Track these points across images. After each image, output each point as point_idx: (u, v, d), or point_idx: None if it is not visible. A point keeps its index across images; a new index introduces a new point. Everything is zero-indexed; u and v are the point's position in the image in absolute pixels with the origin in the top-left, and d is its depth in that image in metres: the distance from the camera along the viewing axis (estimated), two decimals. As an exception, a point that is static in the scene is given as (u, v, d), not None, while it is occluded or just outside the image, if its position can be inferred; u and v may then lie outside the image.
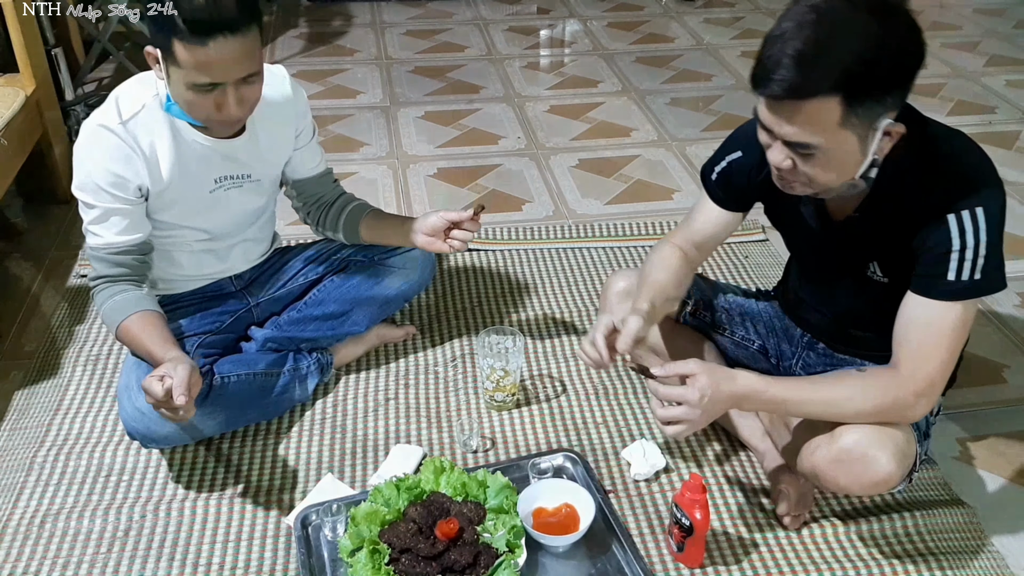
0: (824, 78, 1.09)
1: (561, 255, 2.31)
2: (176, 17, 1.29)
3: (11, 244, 2.36)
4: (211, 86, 1.35)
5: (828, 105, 1.11)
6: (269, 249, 1.82)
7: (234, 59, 1.33)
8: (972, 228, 1.20)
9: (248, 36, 1.33)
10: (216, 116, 1.41)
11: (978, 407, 1.83)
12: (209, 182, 1.56)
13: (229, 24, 1.30)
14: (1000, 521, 1.56)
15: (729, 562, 1.46)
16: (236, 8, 1.31)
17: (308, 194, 1.76)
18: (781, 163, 1.21)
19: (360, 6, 4.33)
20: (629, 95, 3.36)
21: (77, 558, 1.46)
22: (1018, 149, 2.96)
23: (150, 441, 1.57)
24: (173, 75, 1.37)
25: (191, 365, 1.38)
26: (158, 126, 1.47)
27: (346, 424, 1.75)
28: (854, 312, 1.47)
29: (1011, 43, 3.91)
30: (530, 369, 1.90)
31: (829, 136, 1.14)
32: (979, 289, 1.23)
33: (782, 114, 1.15)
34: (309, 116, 1.70)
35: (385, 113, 3.20)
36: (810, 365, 1.58)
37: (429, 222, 1.63)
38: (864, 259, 1.36)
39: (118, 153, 1.44)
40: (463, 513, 1.41)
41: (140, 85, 1.49)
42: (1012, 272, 2.25)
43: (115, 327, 1.51)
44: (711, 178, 1.51)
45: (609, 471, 1.64)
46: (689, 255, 1.55)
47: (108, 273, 1.53)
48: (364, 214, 1.75)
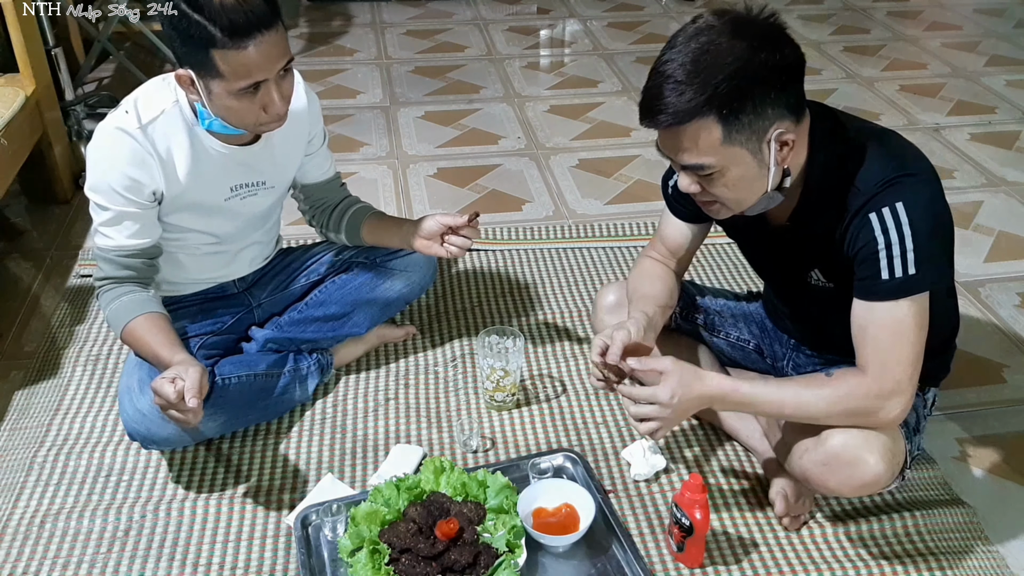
0: (694, 101, 1.14)
1: (561, 255, 2.31)
2: (211, 27, 1.28)
3: (11, 244, 2.36)
4: (255, 87, 1.35)
5: (707, 125, 1.15)
6: (273, 251, 1.83)
7: (274, 53, 1.34)
8: (894, 223, 1.20)
9: (279, 27, 1.35)
10: (264, 117, 1.41)
11: (978, 407, 1.83)
12: (224, 190, 1.56)
13: (264, 20, 1.31)
14: (1000, 521, 1.56)
15: (729, 562, 1.46)
16: (268, 6, 1.32)
17: (315, 198, 1.77)
18: (688, 187, 1.25)
19: (360, 6, 4.33)
20: (629, 95, 3.36)
21: (77, 558, 1.46)
22: (1018, 149, 2.96)
23: (151, 443, 1.56)
24: (215, 89, 1.36)
25: (201, 368, 1.38)
26: (177, 132, 1.47)
27: (346, 424, 1.75)
28: (811, 317, 1.49)
29: (1011, 43, 3.91)
30: (530, 369, 1.90)
31: (719, 155, 1.18)
32: (916, 283, 1.22)
33: (670, 141, 1.20)
34: (321, 121, 1.70)
35: (385, 113, 3.20)
36: (800, 365, 1.59)
37: (426, 226, 1.63)
38: (805, 267, 1.38)
39: (136, 157, 1.44)
40: (463, 513, 1.41)
41: (158, 90, 1.48)
42: (1012, 272, 2.28)
43: (120, 329, 1.51)
44: (668, 192, 1.53)
45: (609, 471, 1.64)
46: (670, 264, 1.58)
47: (115, 275, 1.52)
48: (366, 217, 1.75)
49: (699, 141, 1.17)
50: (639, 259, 1.62)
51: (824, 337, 1.50)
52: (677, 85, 1.14)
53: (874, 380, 1.26)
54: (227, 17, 1.28)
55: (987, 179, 2.76)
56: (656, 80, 1.17)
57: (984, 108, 3.25)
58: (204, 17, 1.28)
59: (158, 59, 3.55)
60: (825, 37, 3.96)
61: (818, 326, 1.49)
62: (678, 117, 1.16)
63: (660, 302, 1.51)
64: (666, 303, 1.53)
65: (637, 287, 1.54)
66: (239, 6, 1.29)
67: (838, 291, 1.33)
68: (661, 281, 1.55)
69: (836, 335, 1.35)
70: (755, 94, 1.15)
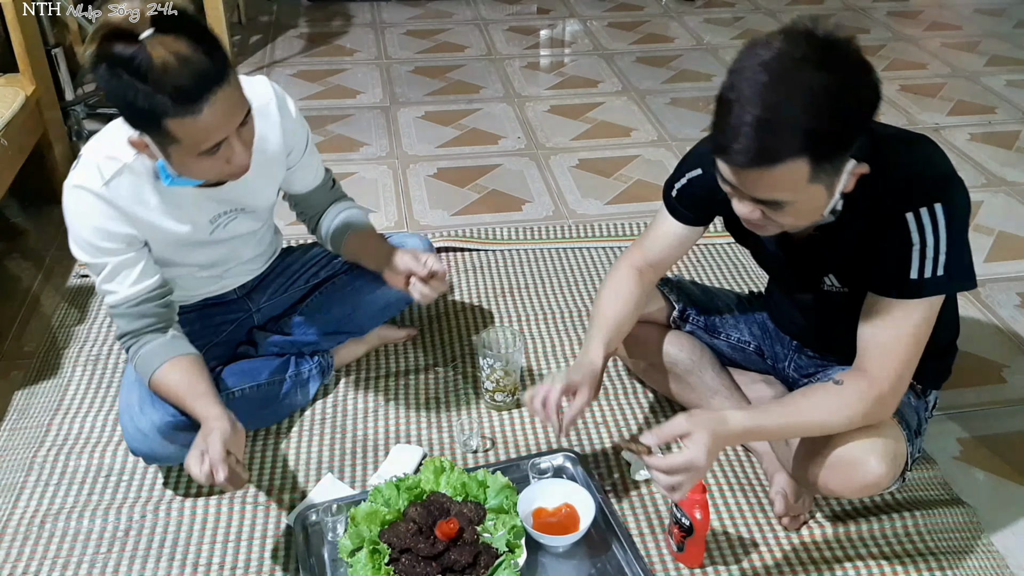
0: (788, 144, 1.08)
1: (561, 255, 2.31)
2: (159, 96, 1.17)
3: (11, 244, 2.36)
4: (216, 146, 1.27)
5: (796, 166, 1.09)
6: (272, 256, 1.78)
7: (231, 109, 1.25)
8: (931, 224, 1.19)
9: (231, 79, 1.24)
10: (228, 169, 1.32)
11: (978, 407, 1.83)
12: (205, 225, 1.50)
13: (214, 77, 1.20)
14: (1000, 521, 1.56)
15: (729, 562, 1.46)
16: (212, 61, 1.20)
17: (303, 205, 1.70)
18: (749, 215, 1.20)
19: (360, 6, 4.33)
20: (629, 95, 3.36)
21: (77, 558, 1.46)
22: (1018, 149, 2.96)
23: (153, 460, 1.55)
24: (174, 153, 1.27)
25: (225, 430, 1.32)
26: (142, 185, 1.39)
27: (346, 424, 1.75)
28: (820, 321, 1.48)
29: (1011, 43, 3.91)
30: (530, 369, 1.90)
31: (798, 192, 1.14)
32: (942, 285, 1.22)
33: (748, 179, 1.14)
34: (303, 132, 1.58)
35: (385, 113, 3.20)
36: (802, 367, 1.58)
37: (396, 261, 1.55)
38: (821, 272, 1.36)
39: (104, 214, 1.38)
40: (463, 513, 1.42)
41: (118, 139, 1.36)
42: (1012, 272, 2.28)
43: (148, 382, 1.47)
44: (671, 195, 1.49)
45: (609, 471, 1.64)
46: (645, 276, 1.54)
47: (131, 329, 1.46)
48: (346, 236, 1.66)
49: (783, 182, 1.11)
50: (614, 269, 1.55)
51: (829, 340, 1.50)
52: (766, 125, 1.07)
53: (877, 377, 1.26)
54: (173, 84, 1.17)
55: (987, 179, 2.76)
56: (740, 117, 1.08)
57: (984, 108, 3.25)
58: (149, 86, 1.17)
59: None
60: (825, 37, 3.96)
61: (825, 330, 1.49)
62: (766, 161, 1.09)
63: (622, 328, 1.50)
64: (627, 327, 1.52)
65: (602, 307, 1.50)
66: (184, 68, 1.17)
67: (851, 295, 1.32)
68: (629, 301, 1.51)
69: (842, 338, 1.35)
70: (846, 134, 1.11)
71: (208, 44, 1.20)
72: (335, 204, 1.71)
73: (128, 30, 1.16)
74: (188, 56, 1.17)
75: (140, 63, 1.16)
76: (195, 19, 1.23)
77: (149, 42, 1.16)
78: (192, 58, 1.17)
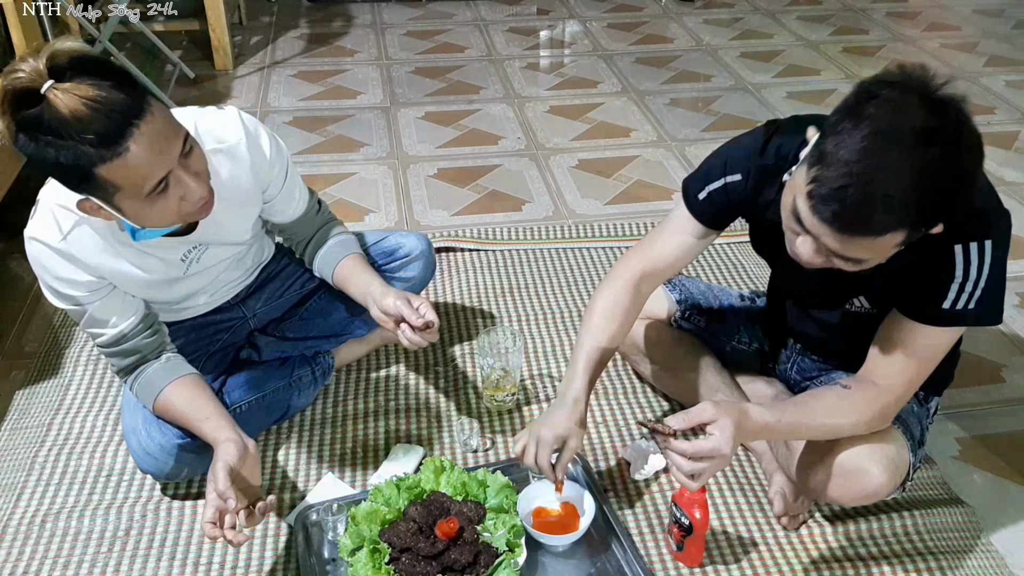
0: (893, 221, 1.04)
1: (561, 255, 2.31)
2: (80, 147, 1.10)
3: (11, 244, 2.36)
4: (163, 182, 1.17)
5: (893, 237, 1.06)
6: (263, 263, 1.71)
7: (162, 139, 1.15)
8: (978, 260, 1.18)
9: (152, 107, 1.14)
10: (187, 207, 1.23)
11: (977, 407, 1.84)
12: (176, 263, 1.43)
13: (130, 110, 1.11)
14: (1000, 521, 1.56)
15: (729, 562, 1.46)
16: (123, 94, 1.11)
17: (290, 232, 1.62)
18: (813, 260, 1.14)
19: (360, 7, 4.34)
20: (629, 95, 3.37)
21: (77, 558, 1.46)
22: (1017, 149, 2.96)
23: (164, 479, 1.55)
24: (125, 204, 1.19)
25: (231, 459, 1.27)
26: (102, 233, 1.32)
27: (346, 424, 1.75)
28: (838, 332, 1.45)
29: (1010, 43, 3.91)
30: (530, 369, 1.90)
31: (884, 254, 1.11)
32: (971, 319, 1.21)
33: (837, 239, 1.08)
34: (278, 163, 1.47)
35: (385, 113, 3.20)
36: (804, 370, 1.58)
37: (386, 303, 1.48)
38: (851, 294, 1.35)
39: (66, 268, 1.32)
40: (463, 513, 1.42)
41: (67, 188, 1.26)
42: (1012, 272, 2.27)
43: (151, 410, 1.45)
44: (699, 197, 1.40)
45: (609, 471, 1.64)
46: (642, 289, 1.47)
47: (125, 365, 1.43)
48: (335, 268, 1.59)
49: (875, 247, 1.08)
50: (608, 282, 1.47)
51: (839, 350, 1.49)
52: (874, 200, 1.02)
53: (885, 389, 1.27)
54: (88, 128, 1.09)
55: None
56: (847, 183, 1.02)
57: (983, 108, 3.25)
58: (66, 139, 1.09)
59: (158, 59, 3.55)
60: (824, 37, 3.96)
61: (840, 343, 1.46)
62: (868, 232, 1.05)
63: (605, 356, 1.44)
64: (616, 346, 1.46)
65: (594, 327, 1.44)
66: (95, 109, 1.09)
67: (876, 315, 1.31)
68: (620, 325, 1.45)
69: (854, 350, 1.35)
70: (949, 210, 1.07)
71: (115, 79, 1.12)
72: (323, 229, 1.63)
73: (28, 88, 1.09)
74: (96, 96, 1.09)
75: (50, 119, 1.09)
76: (94, 56, 1.15)
77: (51, 94, 1.09)
78: (101, 98, 1.10)
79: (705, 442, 1.20)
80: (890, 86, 1.05)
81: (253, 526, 1.29)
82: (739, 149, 1.38)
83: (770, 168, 1.32)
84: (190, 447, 1.48)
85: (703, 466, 1.20)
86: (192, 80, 3.42)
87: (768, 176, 1.32)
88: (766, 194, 1.34)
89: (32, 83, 1.09)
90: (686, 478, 1.22)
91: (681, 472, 1.21)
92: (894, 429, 1.36)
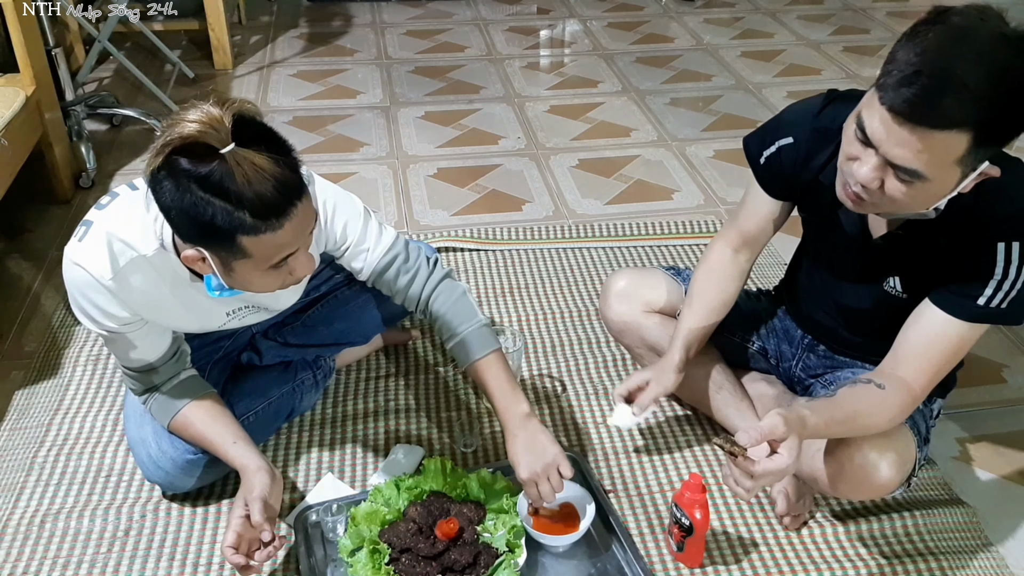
0: (963, 112, 1.00)
1: (561, 255, 2.31)
2: (239, 213, 1.08)
3: (11, 244, 2.36)
4: (286, 258, 1.18)
5: (957, 139, 1.03)
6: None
7: (308, 221, 1.17)
8: (1018, 260, 1.18)
9: (307, 189, 1.16)
10: (290, 280, 1.23)
11: (978, 407, 1.83)
12: (220, 317, 1.44)
13: (297, 191, 1.12)
14: (1000, 521, 1.56)
15: (729, 562, 1.46)
16: (292, 172, 1.12)
17: (386, 289, 1.51)
18: (870, 181, 1.11)
19: (360, 6, 4.33)
20: (629, 95, 3.36)
21: (77, 558, 1.46)
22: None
23: (173, 490, 1.55)
24: (239, 268, 1.17)
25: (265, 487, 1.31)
26: (157, 280, 1.28)
27: (346, 424, 1.75)
28: (862, 318, 1.45)
29: (1011, 43, 3.91)
30: (530, 369, 1.90)
31: (940, 170, 1.07)
32: (1000, 317, 1.22)
33: (901, 135, 1.04)
34: (339, 217, 1.41)
35: (385, 113, 3.20)
36: (810, 367, 1.58)
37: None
38: (887, 274, 1.35)
39: (108, 301, 1.27)
40: (463, 513, 1.42)
41: (134, 220, 1.24)
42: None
43: (165, 427, 1.45)
44: (760, 162, 1.42)
45: (609, 471, 1.64)
46: (740, 255, 1.53)
47: (147, 387, 1.42)
48: (472, 364, 1.46)
49: (937, 151, 1.04)
50: (710, 248, 1.53)
51: (855, 338, 1.49)
52: (950, 84, 0.99)
53: (912, 382, 1.27)
54: (260, 201, 1.08)
55: (987, 179, 2.75)
56: (924, 65, 1.00)
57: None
58: (231, 204, 1.07)
59: (158, 59, 3.55)
60: (825, 37, 3.96)
61: (860, 326, 1.46)
62: (936, 121, 1.01)
63: (707, 332, 1.50)
64: (723, 312, 1.52)
65: (701, 289, 1.52)
66: (271, 185, 1.08)
67: (908, 303, 1.31)
68: (722, 289, 1.51)
69: (875, 340, 1.34)
70: (1015, 126, 1.05)
71: (286, 154, 1.13)
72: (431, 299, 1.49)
73: (203, 143, 1.06)
74: (271, 170, 1.09)
75: (220, 179, 1.06)
76: (271, 129, 1.15)
77: (232, 157, 1.06)
78: (275, 172, 1.09)
79: (772, 463, 1.17)
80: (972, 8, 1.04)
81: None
82: (795, 112, 1.40)
83: (824, 131, 1.32)
84: (203, 463, 1.49)
85: (765, 482, 1.19)
86: (192, 80, 3.42)
87: (821, 139, 1.33)
88: (819, 157, 1.34)
89: (215, 141, 1.06)
90: (744, 491, 1.20)
91: (742, 487, 1.20)
92: (902, 424, 1.36)
